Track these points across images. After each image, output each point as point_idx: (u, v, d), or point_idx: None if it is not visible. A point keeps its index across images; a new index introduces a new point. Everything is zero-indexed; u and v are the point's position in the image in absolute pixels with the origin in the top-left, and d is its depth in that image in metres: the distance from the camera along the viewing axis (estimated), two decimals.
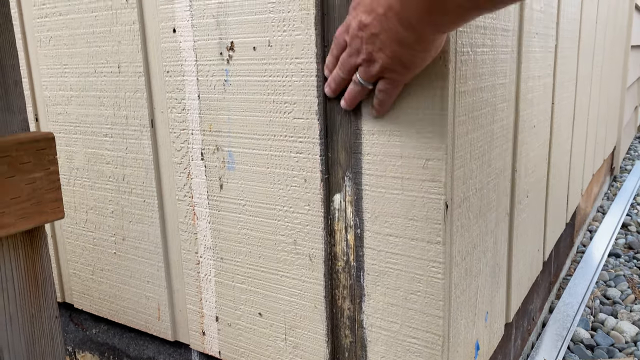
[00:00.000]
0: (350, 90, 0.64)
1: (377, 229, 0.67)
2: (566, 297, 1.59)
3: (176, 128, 0.83)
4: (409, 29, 0.54)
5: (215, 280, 0.85)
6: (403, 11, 0.53)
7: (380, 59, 0.58)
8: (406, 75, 0.60)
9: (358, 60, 0.61)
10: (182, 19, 0.77)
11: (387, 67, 0.59)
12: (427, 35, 0.55)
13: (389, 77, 0.60)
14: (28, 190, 0.54)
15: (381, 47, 0.57)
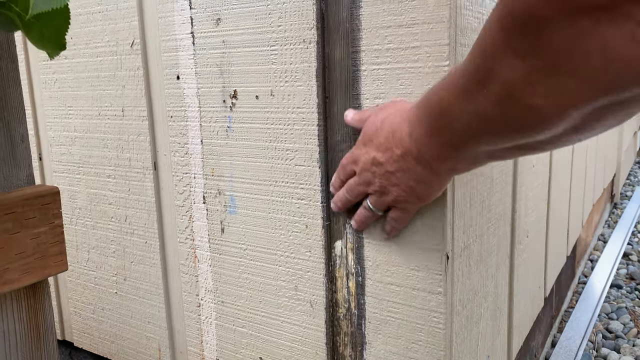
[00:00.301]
0: (360, 214, 0.65)
1: (379, 278, 0.68)
2: (568, 331, 1.58)
3: (179, 171, 0.84)
4: (427, 169, 0.55)
5: (216, 323, 0.85)
6: (421, 155, 0.54)
7: (394, 192, 0.59)
8: (419, 204, 0.61)
9: (368, 190, 0.61)
10: (186, 66, 0.79)
11: (401, 199, 0.59)
12: (444, 175, 0.56)
13: (401, 207, 0.61)
14: (32, 245, 0.54)
15: (396, 182, 0.58)
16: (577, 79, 0.35)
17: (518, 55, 0.38)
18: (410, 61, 0.60)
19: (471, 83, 0.44)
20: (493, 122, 0.44)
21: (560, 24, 0.33)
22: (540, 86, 0.37)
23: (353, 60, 0.64)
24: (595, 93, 0.35)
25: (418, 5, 0.58)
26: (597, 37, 0.32)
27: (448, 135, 0.50)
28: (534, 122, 0.40)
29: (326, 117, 0.68)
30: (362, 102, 0.65)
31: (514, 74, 0.39)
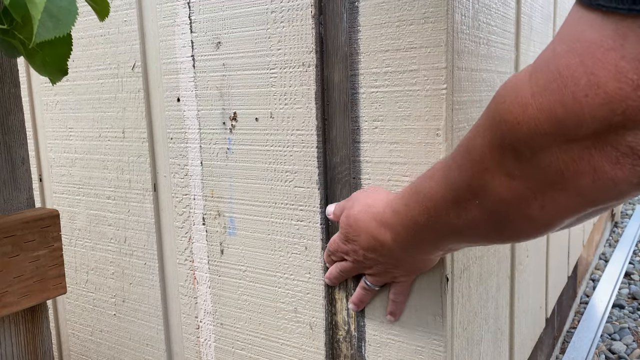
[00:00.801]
0: (360, 294, 0.67)
1: (379, 299, 0.67)
2: (571, 352, 1.57)
3: (178, 193, 0.84)
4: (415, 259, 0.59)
5: (215, 345, 0.84)
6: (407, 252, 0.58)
7: (391, 274, 0.63)
8: (415, 276, 0.64)
9: (367, 272, 0.65)
10: (186, 89, 0.79)
11: (397, 276, 0.63)
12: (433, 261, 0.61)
13: (400, 281, 0.64)
14: (31, 268, 0.54)
15: (392, 269, 0.62)
16: (569, 195, 0.38)
17: (509, 175, 0.41)
18: (408, 84, 0.60)
19: (461, 196, 0.46)
20: (485, 230, 0.47)
21: (553, 151, 0.37)
22: (536, 202, 0.40)
23: (352, 83, 0.65)
24: (585, 205, 0.38)
25: (415, 30, 0.59)
26: (587, 161, 0.36)
27: (436, 238, 0.53)
28: (527, 229, 0.43)
29: (325, 139, 0.69)
30: (360, 124, 0.65)
31: (508, 192, 0.41)
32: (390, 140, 0.63)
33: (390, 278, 0.63)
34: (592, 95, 0.33)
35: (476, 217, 0.46)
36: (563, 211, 0.39)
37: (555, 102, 0.36)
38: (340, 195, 0.69)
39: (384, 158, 0.64)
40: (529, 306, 1.06)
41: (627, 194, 0.36)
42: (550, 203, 0.39)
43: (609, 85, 0.32)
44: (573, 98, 0.34)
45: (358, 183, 0.67)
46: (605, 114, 0.33)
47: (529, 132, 0.38)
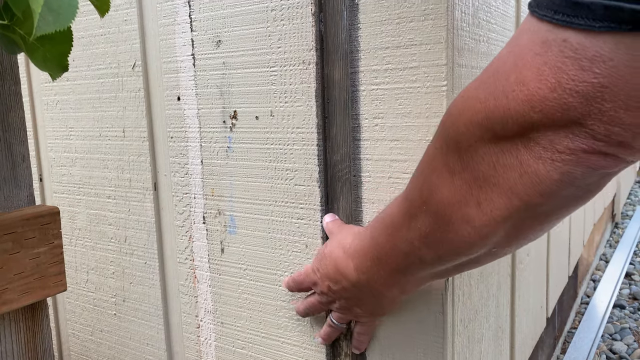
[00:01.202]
0: (326, 331, 0.69)
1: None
2: (572, 352, 1.57)
3: (179, 192, 0.84)
4: (377, 295, 0.59)
5: (216, 344, 0.84)
6: (370, 284, 0.58)
7: (354, 311, 0.64)
8: (380, 317, 0.65)
9: (332, 307, 0.66)
10: (186, 87, 0.79)
11: (361, 315, 0.64)
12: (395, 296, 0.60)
13: (364, 321, 0.66)
14: (32, 265, 0.54)
15: (354, 304, 0.63)
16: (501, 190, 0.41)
17: (451, 171, 0.44)
18: (408, 81, 0.61)
19: (413, 204, 0.49)
20: (433, 239, 0.48)
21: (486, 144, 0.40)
22: (472, 198, 0.43)
23: (352, 80, 0.65)
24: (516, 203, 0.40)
25: (416, 27, 0.59)
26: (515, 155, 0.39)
27: (394, 261, 0.54)
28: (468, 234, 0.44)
29: (325, 137, 0.69)
30: (361, 122, 0.65)
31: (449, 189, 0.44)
32: (390, 137, 0.63)
33: (354, 316, 0.65)
34: (517, 91, 0.37)
35: (424, 224, 0.48)
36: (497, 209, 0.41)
37: (489, 94, 0.39)
38: (340, 193, 0.69)
39: (385, 155, 0.64)
40: (530, 305, 1.06)
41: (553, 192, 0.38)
42: (485, 201, 0.42)
43: (531, 84, 0.36)
44: (503, 91, 0.38)
45: (358, 181, 0.67)
46: (527, 109, 0.36)
47: (466, 122, 0.41)
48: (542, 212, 0.41)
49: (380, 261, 0.55)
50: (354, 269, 0.59)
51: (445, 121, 0.45)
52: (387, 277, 0.56)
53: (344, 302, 0.63)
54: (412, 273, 0.54)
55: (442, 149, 0.45)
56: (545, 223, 0.44)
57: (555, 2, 0.35)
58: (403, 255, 0.52)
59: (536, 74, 0.36)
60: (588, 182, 0.39)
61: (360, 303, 0.62)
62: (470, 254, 0.48)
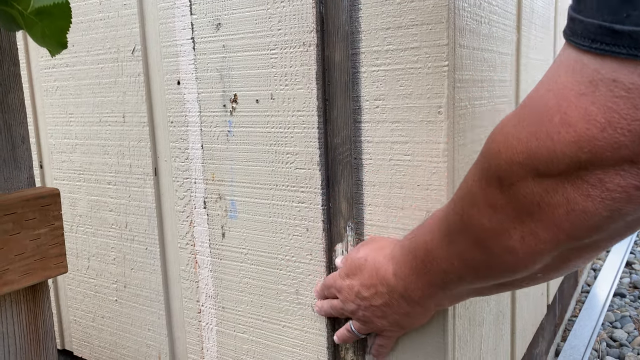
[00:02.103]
0: (343, 334, 0.68)
1: None
2: (572, 339, 1.57)
3: (179, 177, 0.84)
4: (412, 304, 0.58)
5: (217, 329, 0.84)
6: (407, 292, 0.57)
7: (378, 324, 0.62)
8: (401, 333, 0.64)
9: (353, 317, 0.65)
10: (186, 71, 0.79)
11: (386, 329, 0.63)
12: (431, 309, 0.59)
13: (385, 335, 0.64)
14: (32, 246, 0.54)
15: (381, 315, 0.61)
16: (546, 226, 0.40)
17: (492, 205, 0.43)
18: (409, 62, 0.60)
19: (453, 228, 0.49)
20: (473, 262, 0.48)
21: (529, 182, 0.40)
22: (515, 232, 0.42)
23: (353, 62, 0.64)
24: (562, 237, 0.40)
25: (417, 7, 0.59)
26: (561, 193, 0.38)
27: (433, 275, 0.54)
28: (511, 263, 0.44)
29: (326, 120, 0.69)
30: (362, 103, 0.65)
31: (490, 222, 0.44)
32: (391, 119, 0.63)
33: (377, 329, 0.64)
34: (563, 133, 0.36)
35: (465, 249, 0.48)
36: (542, 243, 0.41)
37: (530, 135, 0.39)
38: (341, 176, 0.69)
39: (385, 137, 0.64)
40: (530, 291, 1.06)
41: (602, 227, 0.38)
42: (529, 235, 0.41)
43: (579, 125, 0.35)
44: (547, 133, 0.37)
45: (359, 163, 0.67)
46: (575, 150, 0.36)
47: (507, 160, 0.40)
48: (589, 244, 0.41)
49: (419, 272, 0.55)
50: (393, 274, 0.58)
51: (485, 155, 0.44)
52: (424, 288, 0.55)
53: (370, 313, 0.62)
54: (450, 289, 0.54)
55: (482, 182, 0.44)
56: (591, 252, 0.44)
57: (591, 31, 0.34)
58: (442, 272, 0.52)
59: (583, 115, 0.35)
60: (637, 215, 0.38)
61: (390, 315, 0.60)
62: (511, 278, 0.48)
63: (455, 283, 0.53)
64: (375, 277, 0.60)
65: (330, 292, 0.67)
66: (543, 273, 0.46)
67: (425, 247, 0.53)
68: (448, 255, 0.51)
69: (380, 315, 0.61)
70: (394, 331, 0.63)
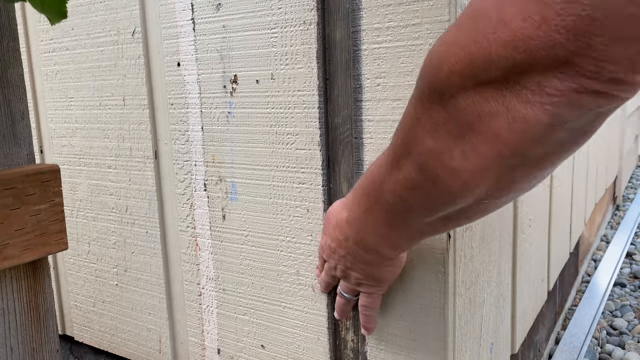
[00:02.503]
0: (338, 302, 0.69)
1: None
2: (572, 328, 1.57)
3: (179, 159, 0.84)
4: (369, 251, 0.58)
5: (217, 312, 0.84)
6: (360, 237, 0.58)
7: (353, 275, 0.63)
8: (381, 288, 0.64)
9: (336, 274, 0.66)
10: (186, 53, 0.79)
11: (361, 281, 0.63)
12: (388, 255, 0.59)
13: (365, 291, 0.65)
14: (32, 221, 0.54)
15: (351, 266, 0.62)
16: (487, 139, 0.39)
17: (435, 123, 0.42)
18: (411, 39, 0.60)
19: (397, 154, 0.47)
20: (420, 189, 0.47)
21: (469, 93, 0.38)
22: (457, 149, 0.41)
23: (354, 40, 0.64)
24: (504, 151, 0.39)
25: None
26: (501, 102, 0.37)
27: (382, 211, 0.53)
28: (455, 185, 0.43)
29: (327, 99, 0.68)
30: (362, 82, 0.64)
31: (433, 140, 0.42)
32: (392, 97, 0.63)
33: (354, 284, 0.64)
34: (499, 32, 0.35)
35: (409, 175, 0.46)
36: (484, 159, 0.40)
37: (469, 40, 0.37)
38: (342, 156, 0.69)
39: (387, 116, 0.64)
40: (531, 277, 1.06)
41: (545, 137, 0.37)
42: (471, 151, 0.40)
43: (514, 23, 0.34)
44: (483, 34, 0.36)
45: (360, 143, 0.67)
46: (510, 51, 0.34)
47: (448, 72, 0.39)
48: (532, 158, 0.40)
49: (368, 212, 0.54)
50: (346, 221, 0.59)
51: (426, 69, 0.42)
52: (375, 229, 0.55)
53: (342, 265, 0.63)
54: (400, 226, 0.53)
55: (423, 102, 0.43)
56: (536, 171, 0.42)
57: None
58: (389, 206, 0.51)
59: (519, 11, 0.34)
60: (581, 124, 0.37)
61: (355, 264, 0.61)
62: (457, 205, 0.46)
63: (403, 218, 0.52)
64: (336, 227, 0.61)
65: (320, 254, 0.68)
66: (489, 199, 0.45)
67: (374, 181, 0.52)
68: (394, 186, 0.49)
69: (350, 266, 0.62)
70: (371, 286, 0.63)
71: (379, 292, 0.65)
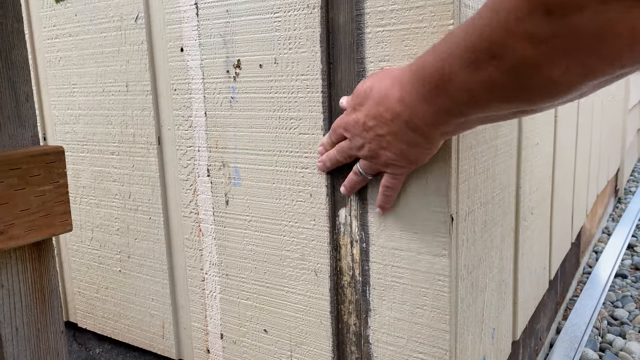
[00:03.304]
0: (350, 179, 0.66)
1: (383, 243, 0.67)
2: (573, 317, 1.58)
3: (183, 145, 0.84)
4: (417, 132, 0.55)
5: (220, 297, 0.85)
6: (412, 120, 0.54)
7: (384, 156, 0.59)
8: (410, 169, 0.61)
9: (359, 154, 0.62)
10: (189, 38, 0.79)
11: (392, 162, 0.59)
12: (435, 138, 0.56)
13: (392, 172, 0.61)
14: (37, 202, 0.54)
15: (387, 146, 0.58)
16: (601, 57, 0.36)
17: (540, 35, 0.38)
18: (415, 21, 0.60)
19: (478, 55, 0.43)
20: (503, 91, 0.44)
21: (589, 11, 0.35)
22: (561, 62, 0.38)
23: (357, 23, 0.64)
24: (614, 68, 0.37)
25: None
26: (627, 22, 0.34)
27: (446, 103, 0.50)
28: (549, 92, 0.41)
29: (330, 83, 0.68)
30: (366, 65, 0.64)
31: (534, 52, 0.39)
32: None
33: (382, 163, 0.60)
34: None
35: (493, 78, 0.43)
36: (590, 73, 0.38)
37: None
38: None
39: None
40: (533, 265, 1.06)
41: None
42: (578, 66, 0.38)
43: None
44: None
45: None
46: None
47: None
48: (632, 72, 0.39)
49: (428, 99, 0.51)
50: (399, 100, 0.54)
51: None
52: (433, 115, 0.52)
53: (374, 144, 0.58)
54: (461, 117, 0.50)
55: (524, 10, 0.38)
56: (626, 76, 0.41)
57: None
58: (457, 99, 0.48)
59: None
60: None
61: (394, 144, 0.57)
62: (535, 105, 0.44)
63: (470, 111, 0.49)
64: (381, 103, 0.56)
65: (338, 133, 0.64)
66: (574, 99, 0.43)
67: (441, 74, 0.48)
68: (469, 83, 0.46)
69: (385, 146, 0.58)
70: (400, 166, 0.59)
71: (406, 172, 0.61)
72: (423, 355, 0.67)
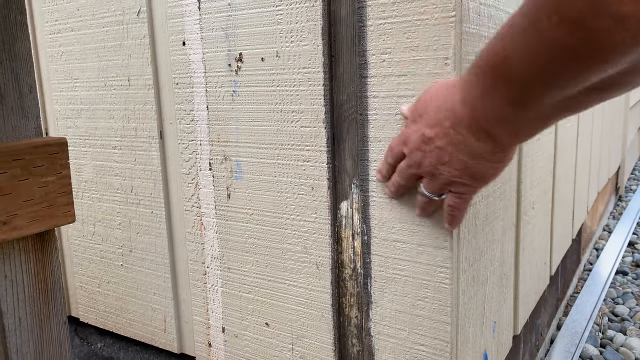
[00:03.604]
0: (419, 202, 0.62)
1: (384, 236, 0.68)
2: (574, 314, 1.58)
3: (185, 139, 0.84)
4: (481, 139, 0.51)
5: (222, 290, 0.85)
6: (475, 121, 0.50)
7: (445, 172, 0.54)
8: (475, 188, 0.56)
9: (419, 172, 0.58)
10: (191, 32, 0.79)
11: (454, 180, 0.55)
12: (504, 144, 0.51)
13: (456, 190, 0.56)
14: (40, 193, 0.55)
15: (448, 159, 0.53)
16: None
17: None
18: (416, 13, 0.60)
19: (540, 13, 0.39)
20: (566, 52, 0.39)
21: None
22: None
23: (359, 15, 0.64)
24: None
25: None
26: None
27: (508, 88, 0.46)
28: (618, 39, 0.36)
29: (332, 76, 0.68)
30: (368, 58, 0.65)
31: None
32: (398, 72, 0.63)
33: (445, 181, 0.55)
34: None
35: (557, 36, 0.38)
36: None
37: None
38: (347, 133, 0.69)
39: (392, 92, 0.64)
40: (534, 259, 1.07)
41: None
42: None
43: None
44: None
45: (365, 119, 0.67)
46: None
47: None
48: None
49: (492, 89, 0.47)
50: (460, 101, 0.50)
51: None
52: (497, 110, 0.47)
53: (434, 159, 0.54)
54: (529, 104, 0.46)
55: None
56: None
57: None
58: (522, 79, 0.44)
59: None
60: None
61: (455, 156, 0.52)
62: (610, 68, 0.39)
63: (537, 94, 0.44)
64: (441, 111, 0.52)
65: (395, 152, 0.60)
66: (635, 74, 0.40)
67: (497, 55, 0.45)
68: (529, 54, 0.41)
69: (446, 160, 0.53)
70: (464, 184, 0.55)
71: (471, 193, 0.57)
72: (424, 347, 0.67)
